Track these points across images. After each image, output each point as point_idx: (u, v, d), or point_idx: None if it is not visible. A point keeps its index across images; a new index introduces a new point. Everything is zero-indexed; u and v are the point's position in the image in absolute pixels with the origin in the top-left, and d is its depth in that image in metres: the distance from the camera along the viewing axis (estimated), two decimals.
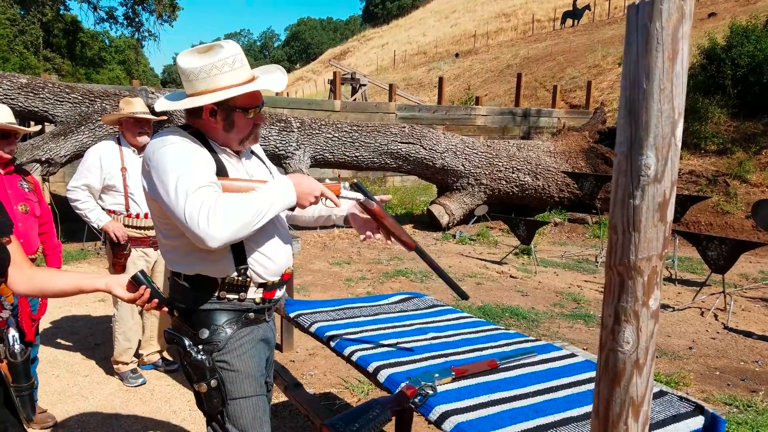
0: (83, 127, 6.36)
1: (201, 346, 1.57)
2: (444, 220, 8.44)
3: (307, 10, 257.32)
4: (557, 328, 4.48)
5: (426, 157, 8.26)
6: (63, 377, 3.45)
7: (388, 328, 2.17)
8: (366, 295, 4.98)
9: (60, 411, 3.03)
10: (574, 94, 18.76)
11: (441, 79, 13.68)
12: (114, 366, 3.42)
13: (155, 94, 6.59)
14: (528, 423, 1.47)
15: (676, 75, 0.94)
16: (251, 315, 1.64)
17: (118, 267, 3.23)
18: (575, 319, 4.69)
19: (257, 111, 1.63)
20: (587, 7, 30.01)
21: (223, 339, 1.59)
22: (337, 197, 1.67)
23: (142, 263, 3.27)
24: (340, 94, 12.14)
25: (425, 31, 43.65)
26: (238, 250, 1.58)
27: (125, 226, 3.19)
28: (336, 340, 2.02)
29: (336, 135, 7.78)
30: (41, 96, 6.45)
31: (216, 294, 1.59)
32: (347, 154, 7.89)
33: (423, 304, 2.55)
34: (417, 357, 1.88)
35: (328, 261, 6.54)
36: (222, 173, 1.57)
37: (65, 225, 6.34)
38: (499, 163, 8.68)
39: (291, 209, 1.60)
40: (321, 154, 7.75)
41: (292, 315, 2.34)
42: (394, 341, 2.01)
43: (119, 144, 3.24)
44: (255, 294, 1.63)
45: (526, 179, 8.75)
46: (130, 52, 36.40)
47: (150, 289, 1.44)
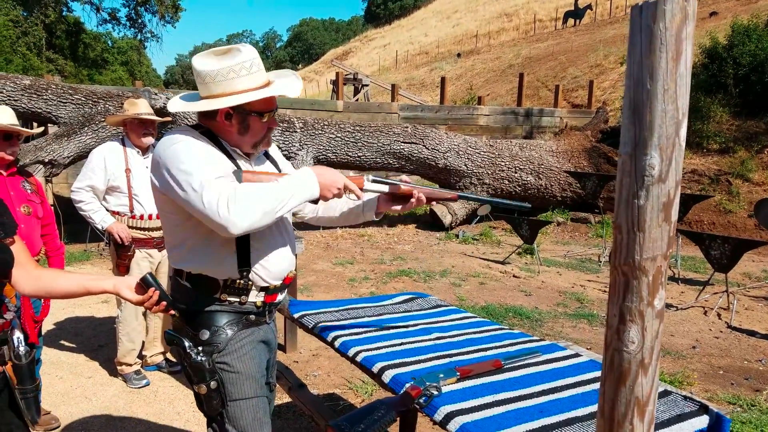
0: (86, 129, 6.38)
1: (201, 347, 1.57)
2: (447, 219, 8.44)
3: (310, 10, 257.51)
4: (561, 327, 4.48)
5: (429, 157, 8.26)
6: (66, 379, 3.46)
7: (392, 328, 2.17)
8: (369, 296, 4.99)
9: (63, 413, 3.03)
10: (576, 93, 18.73)
11: (443, 79, 13.67)
12: (117, 367, 3.42)
13: (158, 95, 6.60)
14: (533, 423, 1.47)
15: (679, 75, 0.94)
16: (252, 317, 1.64)
17: (121, 268, 3.24)
18: (579, 319, 4.69)
19: (272, 115, 1.62)
20: (589, 7, 29.96)
21: (224, 340, 1.59)
22: (361, 190, 1.65)
23: (145, 264, 3.27)
24: (342, 94, 12.14)
25: (427, 31, 43.62)
26: (242, 251, 1.57)
27: (129, 227, 3.20)
28: (340, 340, 2.02)
29: (339, 135, 7.78)
30: (44, 97, 6.47)
31: (217, 296, 1.59)
32: (350, 154, 7.89)
33: (427, 304, 2.55)
34: (421, 357, 1.88)
35: (331, 261, 6.54)
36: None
37: (68, 226, 6.37)
38: (502, 163, 8.68)
39: (314, 201, 1.58)
40: (324, 154, 7.75)
41: (296, 315, 2.34)
42: (398, 341, 2.02)
43: (123, 145, 3.24)
44: (256, 297, 1.63)
45: (528, 179, 8.74)
46: (132, 53, 36.44)
47: (159, 292, 1.43)
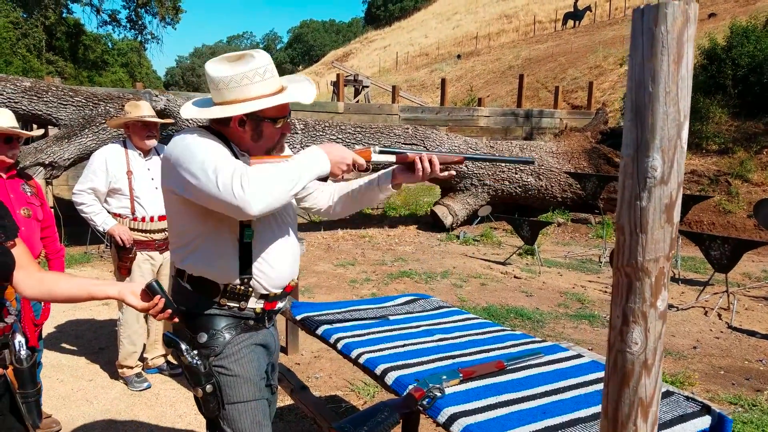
0: (87, 131, 6.38)
1: (198, 350, 1.56)
2: (448, 220, 8.44)
3: (310, 12, 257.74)
4: (562, 328, 4.49)
5: None
6: (67, 382, 3.45)
7: (394, 330, 2.18)
8: (371, 297, 4.99)
9: (65, 416, 3.02)
10: (575, 94, 18.75)
11: (444, 81, 13.69)
12: (119, 370, 3.42)
13: (159, 96, 6.61)
14: (536, 424, 1.47)
15: (681, 78, 0.94)
16: (250, 322, 1.64)
17: (123, 270, 3.24)
18: (580, 320, 4.69)
19: (285, 120, 1.61)
20: (588, 8, 30.00)
21: (221, 344, 1.58)
22: (369, 161, 1.65)
23: (147, 267, 3.27)
24: (343, 95, 12.15)
25: (427, 33, 43.65)
26: (245, 256, 1.57)
27: (131, 229, 3.20)
28: (343, 342, 2.02)
29: (340, 137, 7.79)
30: (45, 99, 6.48)
31: (216, 300, 1.59)
32: None
33: (429, 305, 2.55)
34: (424, 359, 1.88)
35: (332, 262, 6.55)
36: None
37: (68, 228, 6.37)
38: (502, 164, 8.69)
39: (324, 179, 1.58)
40: None
41: (298, 317, 2.34)
42: (401, 343, 2.02)
43: (125, 147, 3.25)
44: (255, 304, 1.62)
45: (529, 180, 8.75)
46: (132, 54, 36.41)
47: (164, 299, 1.42)
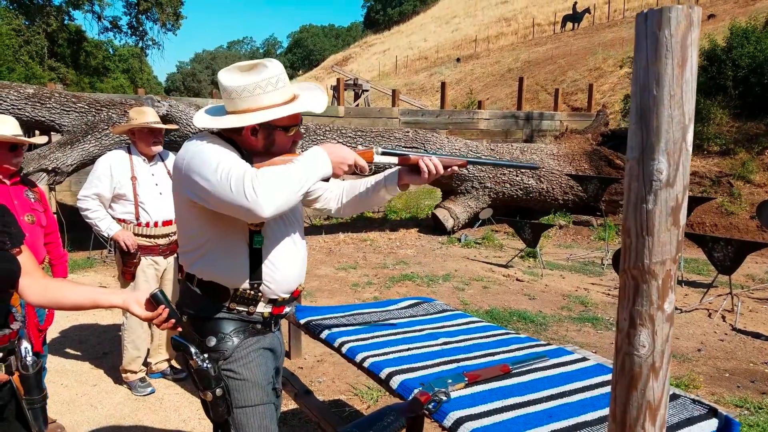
0: (90, 137, 6.40)
1: (207, 354, 1.58)
2: (449, 223, 8.44)
3: (309, 17, 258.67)
4: (565, 331, 4.48)
5: None
6: (71, 387, 3.46)
7: (398, 333, 2.18)
8: (373, 300, 4.99)
9: (69, 421, 3.03)
10: (575, 96, 18.77)
11: (443, 84, 13.72)
12: (123, 375, 3.42)
13: (161, 102, 6.63)
14: (542, 428, 1.47)
15: (685, 81, 0.94)
16: (258, 326, 1.65)
17: (127, 275, 3.25)
18: (583, 323, 4.68)
19: (297, 128, 1.62)
20: (587, 11, 30.04)
21: (230, 348, 1.59)
22: (371, 162, 1.65)
23: (151, 272, 3.28)
24: (343, 99, 12.17)
25: (426, 37, 43.75)
26: (255, 261, 1.59)
27: (135, 234, 3.21)
28: (347, 346, 2.02)
29: (340, 140, 7.80)
30: (48, 106, 6.50)
31: (226, 304, 1.60)
32: None
33: (432, 308, 2.55)
34: (429, 362, 1.88)
35: (333, 266, 6.55)
36: None
37: (71, 234, 6.38)
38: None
39: (325, 180, 1.59)
40: None
41: (302, 321, 2.34)
42: (405, 347, 2.02)
43: (129, 153, 3.27)
44: (264, 309, 1.64)
45: (530, 182, 8.75)
46: (134, 60, 36.54)
47: (168, 309, 1.43)
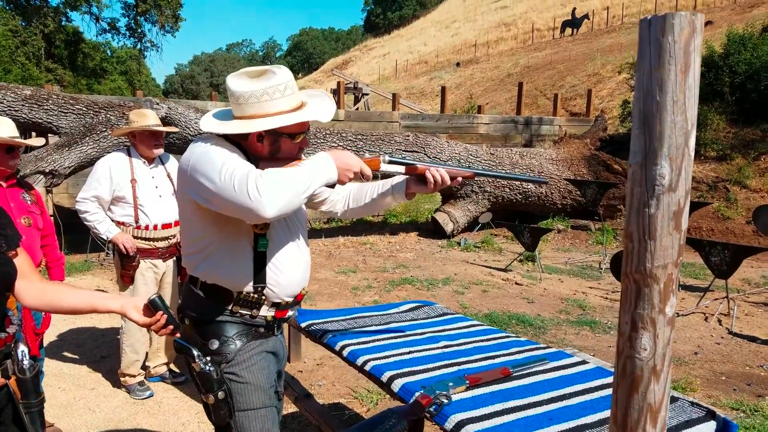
0: (87, 139, 6.39)
1: (210, 357, 1.58)
2: (448, 227, 8.45)
3: (309, 20, 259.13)
4: (564, 335, 4.49)
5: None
6: (69, 390, 3.44)
7: (399, 337, 2.18)
8: (373, 304, 4.99)
9: (67, 425, 3.01)
10: (574, 102, 18.83)
11: (443, 88, 13.74)
12: (121, 378, 3.41)
13: (160, 104, 6.63)
14: (543, 431, 1.48)
15: (688, 87, 0.96)
16: (261, 329, 1.65)
17: (126, 278, 3.25)
18: (581, 326, 4.69)
19: (304, 136, 1.63)
20: (586, 17, 30.18)
21: (233, 351, 1.59)
22: (377, 171, 1.65)
23: (150, 275, 3.28)
24: (343, 103, 12.19)
25: (426, 41, 43.86)
26: (259, 265, 1.59)
27: (134, 237, 3.20)
28: (348, 349, 2.03)
29: (341, 144, 7.81)
30: (45, 107, 6.49)
31: (229, 307, 1.60)
32: None
33: (433, 312, 2.56)
34: (430, 366, 1.89)
35: (333, 270, 6.55)
36: None
37: (69, 236, 6.36)
38: (503, 171, 8.71)
39: (331, 186, 1.59)
40: None
41: (303, 325, 2.34)
42: (406, 350, 2.03)
43: (129, 155, 3.26)
44: (267, 312, 1.64)
45: (529, 187, 8.77)
46: (132, 62, 36.42)
47: (166, 316, 1.42)
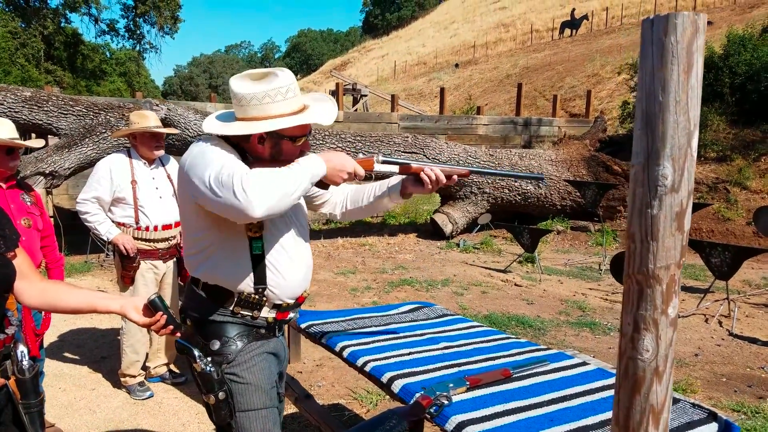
0: (87, 140, 6.38)
1: (211, 357, 1.58)
2: (447, 228, 8.45)
3: (308, 21, 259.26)
4: (564, 336, 4.48)
5: None
6: (70, 391, 3.44)
7: (399, 338, 2.18)
8: (372, 305, 4.98)
9: (67, 425, 3.01)
10: (573, 103, 18.84)
11: (442, 89, 13.75)
12: (121, 379, 3.41)
13: (159, 106, 6.63)
14: None
15: (691, 87, 0.95)
16: (262, 330, 1.66)
17: (126, 279, 3.25)
18: (581, 327, 4.69)
19: (305, 139, 1.62)
20: (585, 17, 30.21)
21: (234, 351, 1.60)
22: (371, 171, 1.65)
23: (150, 276, 3.28)
24: (342, 104, 12.20)
25: (425, 42, 43.88)
26: (258, 267, 1.59)
27: (135, 238, 3.20)
28: (348, 350, 2.02)
29: (340, 145, 7.81)
30: (45, 109, 6.48)
31: (230, 308, 1.61)
32: None
33: (433, 313, 2.56)
34: (430, 367, 1.88)
35: (332, 271, 6.54)
36: None
37: (68, 237, 6.36)
38: (499, 169, 8.71)
39: (325, 187, 1.57)
40: None
41: (303, 326, 2.34)
42: (406, 351, 2.02)
43: (129, 156, 3.26)
44: (268, 314, 1.65)
45: (528, 188, 8.77)
46: (131, 64, 36.46)
47: (166, 316, 1.42)
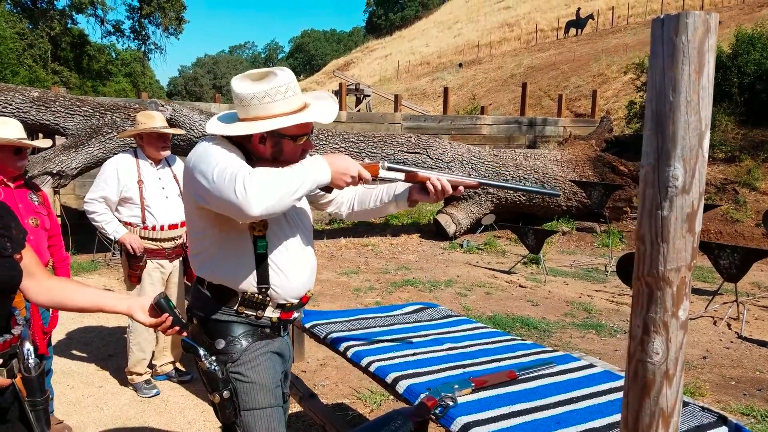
0: (94, 140, 6.42)
1: (216, 356, 1.59)
2: (451, 229, 8.43)
3: (311, 22, 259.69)
4: (569, 338, 4.46)
5: (433, 167, 8.27)
6: (78, 388, 3.47)
7: (403, 338, 2.17)
8: (375, 305, 4.98)
9: (75, 421, 3.05)
10: (578, 102, 18.79)
11: (446, 89, 13.74)
12: (128, 377, 3.44)
13: (165, 106, 6.65)
14: None
15: (702, 87, 0.94)
16: (267, 330, 1.66)
17: (133, 279, 3.27)
18: (587, 329, 4.67)
19: (306, 138, 1.63)
20: (590, 17, 30.12)
21: (238, 350, 1.60)
22: (376, 177, 1.64)
23: (157, 275, 3.29)
24: (345, 105, 12.20)
25: (428, 42, 43.86)
26: (261, 267, 1.59)
27: (141, 238, 3.22)
28: (353, 350, 2.02)
29: (343, 146, 7.81)
30: (52, 109, 6.52)
31: (235, 308, 1.61)
32: None
33: (437, 314, 2.55)
34: (435, 368, 1.88)
35: (335, 271, 6.54)
36: None
37: (76, 237, 6.40)
38: (506, 172, 8.69)
39: (328, 190, 1.57)
40: None
41: (307, 325, 2.34)
42: (410, 352, 2.02)
43: (136, 157, 3.28)
44: (272, 313, 1.65)
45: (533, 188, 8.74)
46: (136, 64, 36.64)
47: (172, 317, 1.44)
